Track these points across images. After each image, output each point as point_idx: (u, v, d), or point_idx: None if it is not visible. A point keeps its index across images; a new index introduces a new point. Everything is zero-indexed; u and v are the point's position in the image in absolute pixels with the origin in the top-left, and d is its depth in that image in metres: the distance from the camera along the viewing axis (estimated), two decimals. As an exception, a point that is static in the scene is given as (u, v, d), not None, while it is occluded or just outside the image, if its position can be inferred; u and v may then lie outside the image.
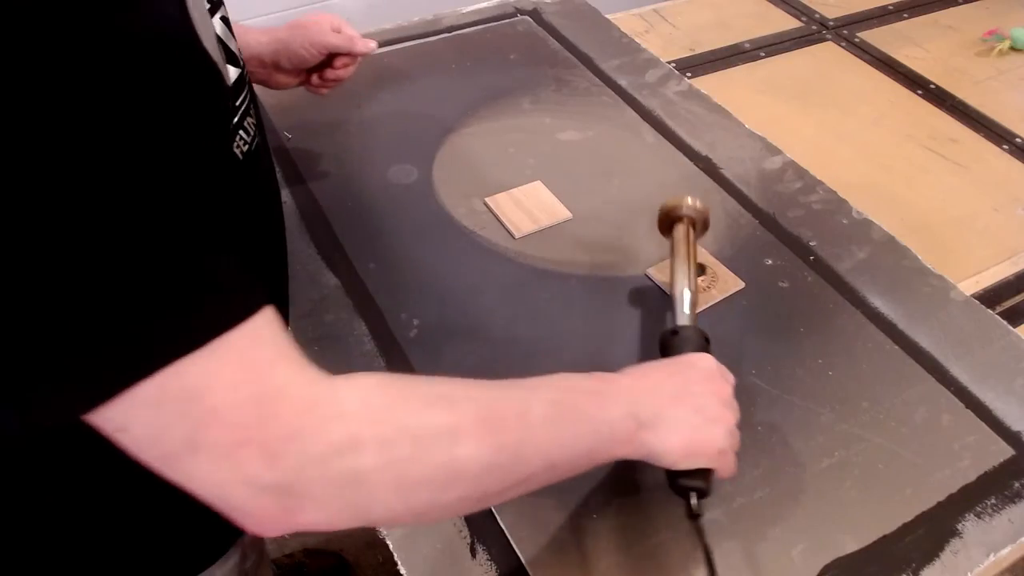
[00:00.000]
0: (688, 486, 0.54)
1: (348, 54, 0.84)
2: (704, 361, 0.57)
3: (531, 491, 0.46)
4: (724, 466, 0.54)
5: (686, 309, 0.67)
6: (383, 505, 0.40)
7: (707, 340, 0.63)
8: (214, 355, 0.36)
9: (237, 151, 0.49)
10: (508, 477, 0.44)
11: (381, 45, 1.13)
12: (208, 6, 0.47)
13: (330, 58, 0.84)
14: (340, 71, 0.85)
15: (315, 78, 0.86)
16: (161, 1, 0.38)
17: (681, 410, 0.52)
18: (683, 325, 0.65)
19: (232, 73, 0.49)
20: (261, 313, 0.38)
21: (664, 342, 0.64)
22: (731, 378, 0.57)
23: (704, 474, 0.54)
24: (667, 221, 0.75)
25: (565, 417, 0.47)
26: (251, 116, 0.52)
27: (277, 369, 0.38)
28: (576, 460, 0.48)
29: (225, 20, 0.50)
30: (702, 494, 0.54)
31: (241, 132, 0.50)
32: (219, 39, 0.47)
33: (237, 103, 0.49)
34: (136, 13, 0.35)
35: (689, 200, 0.74)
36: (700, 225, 0.75)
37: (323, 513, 0.38)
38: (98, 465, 0.49)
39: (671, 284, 0.69)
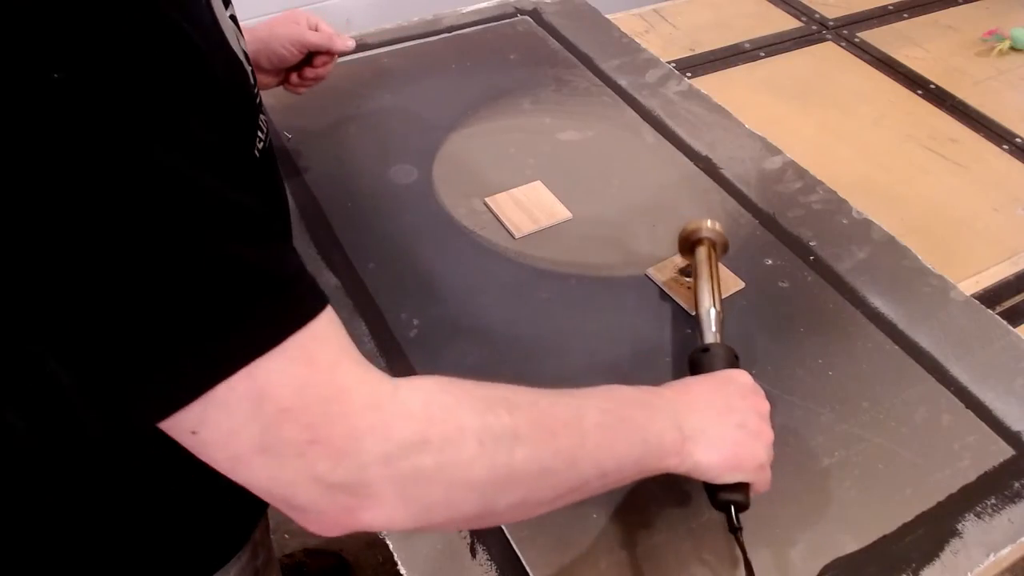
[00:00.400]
0: (729, 500, 0.55)
1: (327, 52, 0.84)
2: (742, 377, 0.58)
3: (581, 500, 0.47)
4: (762, 481, 0.55)
5: (713, 327, 0.67)
6: (444, 505, 0.40)
7: (736, 357, 0.64)
8: (283, 356, 0.36)
9: (255, 149, 0.50)
10: (562, 483, 0.45)
11: (381, 45, 1.14)
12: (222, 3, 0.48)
13: (309, 56, 0.85)
14: (319, 69, 0.85)
15: (294, 77, 0.86)
16: (197, 2, 0.39)
17: (724, 425, 0.53)
18: (713, 343, 0.65)
19: (249, 70, 0.49)
20: (324, 313, 0.39)
21: (694, 360, 0.64)
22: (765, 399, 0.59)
23: (743, 488, 0.55)
24: (688, 243, 0.77)
25: (617, 426, 0.48)
26: (264, 114, 0.53)
27: (342, 369, 0.38)
28: (626, 469, 0.48)
29: (233, 19, 0.50)
30: (742, 508, 0.55)
31: (258, 131, 0.51)
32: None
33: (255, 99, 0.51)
34: (187, 12, 0.36)
35: (709, 223, 0.76)
36: (720, 246, 0.76)
37: (386, 512, 0.39)
38: (117, 467, 0.49)
39: (696, 304, 0.70)
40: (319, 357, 0.38)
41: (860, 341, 0.75)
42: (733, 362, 0.63)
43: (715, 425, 0.53)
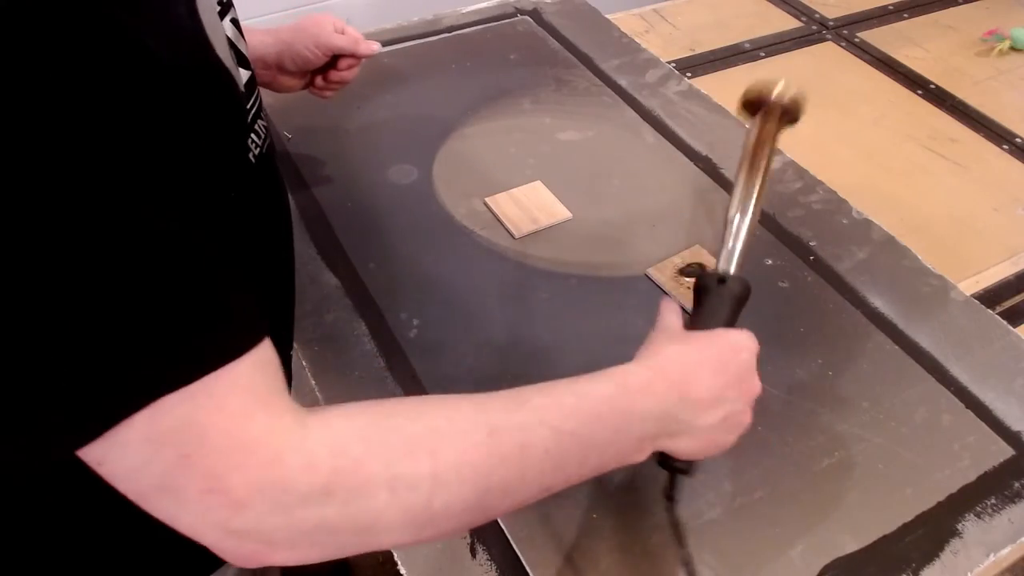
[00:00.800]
0: (677, 468, 0.53)
1: (352, 55, 0.83)
2: (747, 352, 0.53)
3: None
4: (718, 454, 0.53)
5: (731, 244, 0.56)
6: (358, 546, 0.40)
7: (749, 291, 0.56)
8: (189, 400, 0.35)
9: (250, 155, 0.49)
10: (493, 512, 0.43)
11: (381, 45, 1.14)
12: (218, 8, 0.47)
13: (334, 60, 0.84)
14: (344, 73, 0.85)
15: (319, 80, 0.85)
16: (173, 8, 0.37)
17: (710, 419, 0.50)
18: (731, 275, 0.55)
19: (243, 76, 0.49)
20: (247, 356, 0.37)
21: (701, 288, 0.55)
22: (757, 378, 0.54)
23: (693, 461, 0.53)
24: (752, 106, 0.61)
25: (571, 449, 0.45)
26: (261, 118, 0.52)
27: (249, 418, 0.37)
28: (577, 480, 0.46)
29: (235, 22, 0.50)
30: (684, 472, 0.54)
31: (253, 136, 0.50)
32: (230, 42, 0.47)
33: (248, 105, 0.49)
34: (145, 19, 0.34)
35: (784, 86, 0.60)
36: (789, 120, 0.61)
37: (297, 554, 0.38)
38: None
39: (731, 198, 0.57)
40: (227, 403, 0.36)
41: (860, 341, 0.75)
42: (743, 301, 0.55)
43: (702, 420, 0.50)
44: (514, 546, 0.60)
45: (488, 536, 0.61)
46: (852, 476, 0.65)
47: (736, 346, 0.53)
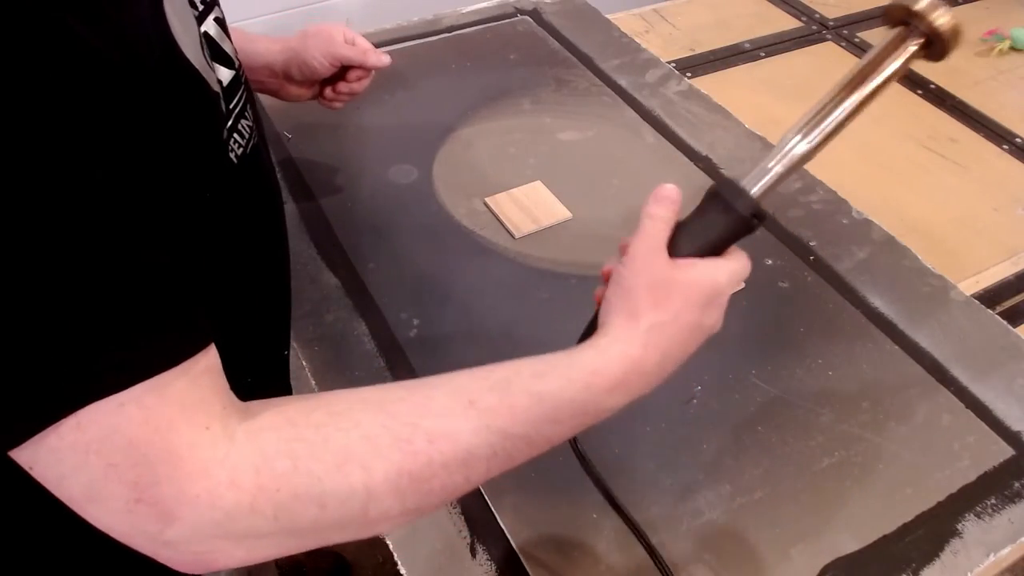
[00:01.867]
0: None
1: (361, 67, 0.80)
2: (723, 298, 0.48)
3: None
4: None
5: (777, 167, 0.50)
6: (297, 547, 0.39)
7: (763, 220, 0.50)
8: (117, 410, 0.34)
9: (232, 155, 0.48)
10: (436, 504, 0.42)
11: (381, 45, 1.14)
12: (200, 8, 0.46)
13: (343, 70, 0.81)
14: (354, 84, 0.81)
15: (328, 91, 0.82)
16: (131, 12, 0.36)
17: (668, 369, 0.46)
18: (751, 194, 0.50)
19: (225, 75, 0.48)
20: (183, 365, 0.36)
21: (715, 196, 0.49)
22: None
23: None
24: (897, 17, 0.49)
25: (521, 449, 0.43)
26: (246, 118, 0.52)
27: (178, 430, 0.36)
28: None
29: (219, 21, 0.49)
30: None
31: (236, 136, 0.49)
32: (210, 41, 0.47)
33: (231, 105, 0.49)
34: (97, 22, 0.33)
35: (939, 6, 0.46)
36: (933, 50, 0.48)
37: (237, 557, 0.38)
38: None
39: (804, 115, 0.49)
40: (155, 415, 0.35)
41: (860, 341, 0.75)
42: (747, 233, 0.50)
43: (658, 377, 0.46)
44: (514, 546, 0.60)
45: (488, 536, 0.61)
46: (852, 476, 0.65)
47: (718, 300, 0.47)
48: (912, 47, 0.48)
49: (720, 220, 0.49)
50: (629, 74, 1.10)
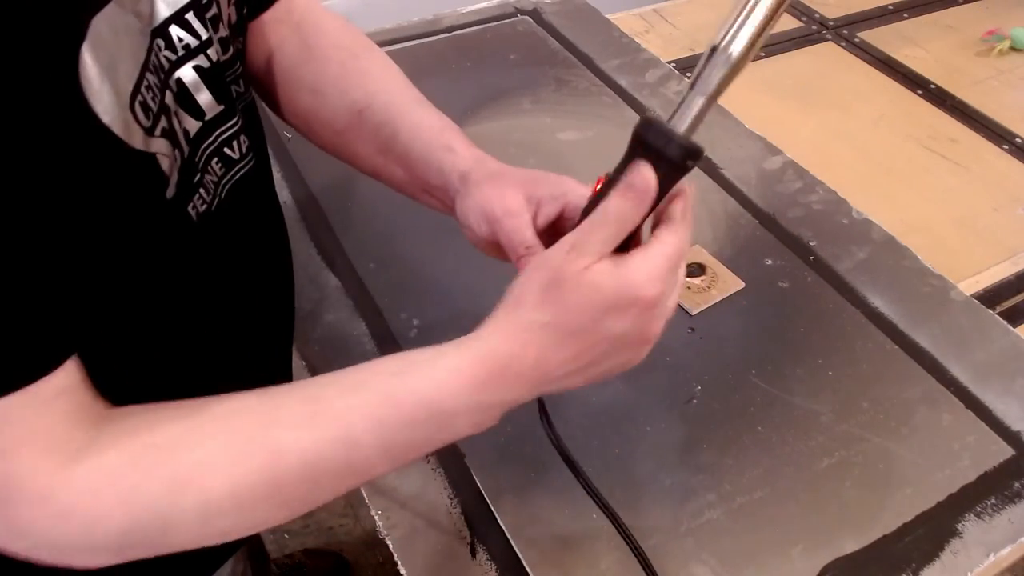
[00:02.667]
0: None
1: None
2: (639, 305, 0.40)
3: None
4: None
5: (711, 81, 0.43)
6: (153, 555, 0.40)
7: (698, 155, 0.44)
8: None
9: (192, 211, 0.46)
10: (293, 514, 0.42)
11: (381, 45, 1.13)
12: (180, 52, 0.44)
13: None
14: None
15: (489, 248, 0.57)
16: (22, 73, 0.34)
17: (573, 383, 0.42)
18: (678, 134, 0.43)
19: (192, 126, 0.45)
20: (26, 390, 0.36)
21: (637, 136, 0.43)
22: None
23: None
24: None
25: (377, 455, 0.41)
26: (210, 173, 0.48)
27: (17, 455, 0.36)
28: (398, 468, 0.44)
29: (202, 69, 0.46)
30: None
31: (201, 191, 0.46)
32: (181, 89, 0.44)
33: (196, 158, 0.46)
34: None
35: None
36: None
37: (98, 563, 0.39)
38: None
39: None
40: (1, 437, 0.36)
41: (860, 341, 0.75)
42: (679, 175, 0.43)
43: (560, 387, 0.42)
44: (514, 546, 0.60)
45: (488, 536, 0.61)
46: (852, 476, 0.65)
47: (632, 308, 0.40)
48: None
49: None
50: (629, 74, 1.10)
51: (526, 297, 0.41)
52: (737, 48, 0.41)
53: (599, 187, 0.44)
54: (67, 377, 0.38)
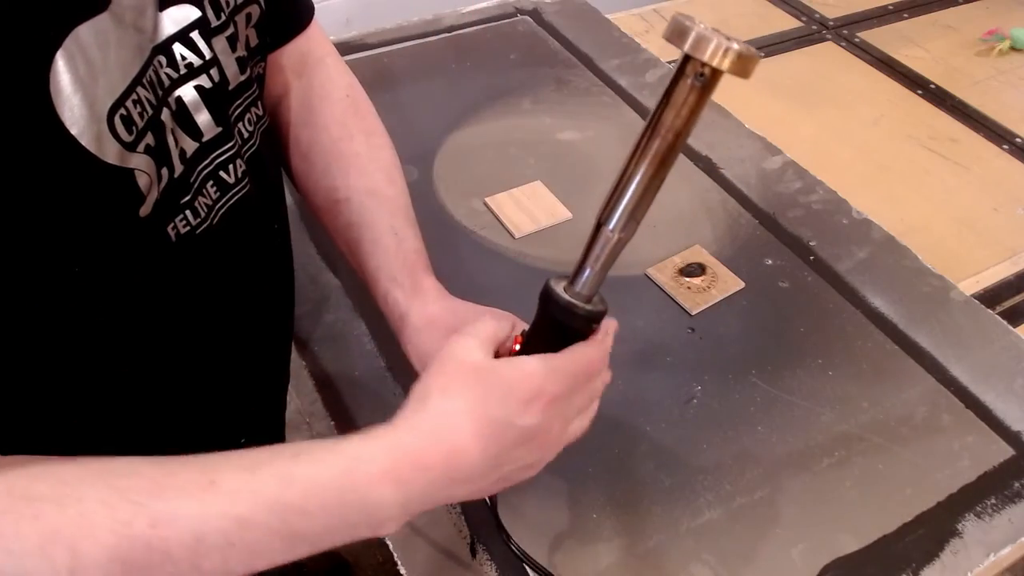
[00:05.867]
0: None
1: None
2: (544, 398, 0.41)
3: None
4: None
5: (594, 259, 0.44)
6: None
7: (600, 317, 0.45)
8: None
9: (172, 232, 0.45)
10: None
11: (381, 45, 1.14)
12: (183, 70, 0.43)
13: None
14: None
15: None
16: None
17: (487, 483, 0.42)
18: (572, 290, 0.45)
19: (189, 146, 0.45)
20: None
21: (544, 309, 0.45)
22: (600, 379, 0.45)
23: None
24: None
25: (266, 541, 0.38)
26: (204, 195, 0.47)
27: None
28: (297, 558, 0.40)
29: (204, 89, 0.45)
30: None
31: (187, 212, 0.45)
32: (180, 108, 0.44)
33: (191, 179, 0.45)
34: None
35: (713, 42, 0.40)
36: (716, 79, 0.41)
37: None
38: None
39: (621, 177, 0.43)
40: None
41: (860, 341, 0.75)
42: (567, 332, 0.44)
43: (474, 486, 0.41)
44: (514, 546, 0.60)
45: (488, 536, 0.61)
46: (852, 476, 0.65)
47: (538, 401, 0.41)
48: (697, 87, 0.42)
49: (543, 326, 0.45)
50: (629, 74, 1.10)
51: (431, 388, 0.41)
52: (619, 224, 0.44)
53: (517, 347, 0.46)
54: None
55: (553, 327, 0.44)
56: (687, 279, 0.80)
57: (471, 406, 0.40)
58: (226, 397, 0.57)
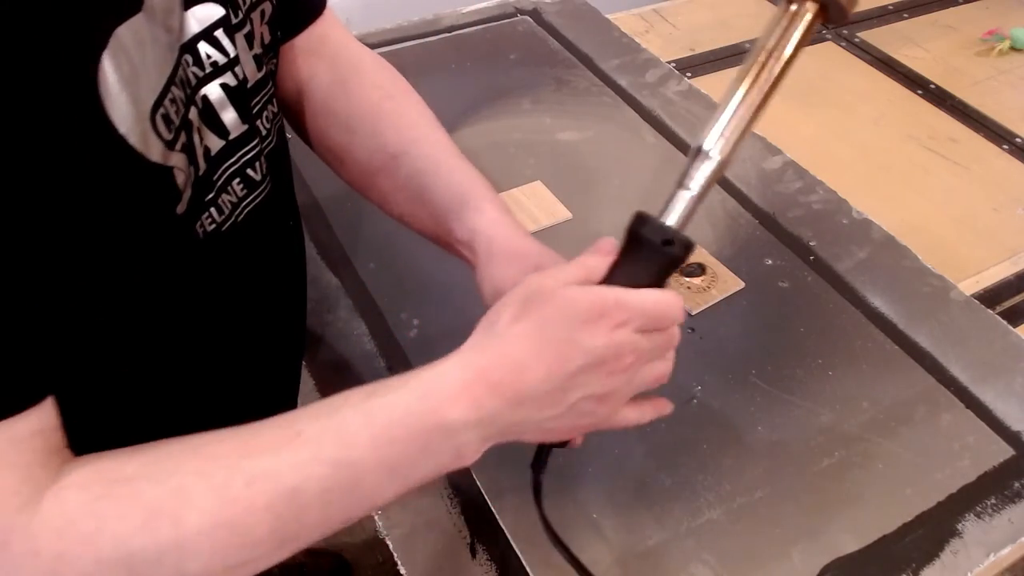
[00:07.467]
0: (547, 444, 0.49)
1: None
2: (611, 320, 0.40)
3: None
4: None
5: (692, 184, 0.44)
6: None
7: (688, 249, 0.44)
8: None
9: (200, 230, 0.45)
10: (275, 559, 0.39)
11: (381, 45, 1.14)
12: (208, 69, 0.44)
13: None
14: None
15: None
16: (34, 83, 0.33)
17: (556, 411, 0.41)
18: (660, 226, 0.43)
19: (214, 144, 0.45)
20: (3, 422, 0.35)
21: (632, 236, 0.44)
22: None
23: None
24: None
25: (360, 480, 0.39)
26: (229, 192, 0.47)
27: None
28: (386, 503, 0.41)
29: (229, 87, 0.45)
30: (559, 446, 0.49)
31: (212, 210, 0.46)
32: (206, 106, 0.44)
33: (215, 178, 0.46)
34: None
35: None
36: (832, 14, 0.45)
37: None
38: None
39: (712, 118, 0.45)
40: None
41: (860, 341, 0.75)
42: (667, 268, 0.44)
43: (544, 414, 0.41)
44: (514, 546, 0.60)
45: (488, 536, 0.61)
46: (852, 476, 0.65)
47: (605, 321, 0.40)
48: (808, 15, 0.45)
49: (631, 261, 0.44)
50: (629, 74, 1.10)
51: (501, 314, 0.42)
52: (730, 144, 0.44)
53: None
54: (38, 418, 0.37)
55: (636, 260, 0.43)
56: (687, 279, 0.80)
57: (536, 325, 0.41)
58: (245, 384, 0.58)
